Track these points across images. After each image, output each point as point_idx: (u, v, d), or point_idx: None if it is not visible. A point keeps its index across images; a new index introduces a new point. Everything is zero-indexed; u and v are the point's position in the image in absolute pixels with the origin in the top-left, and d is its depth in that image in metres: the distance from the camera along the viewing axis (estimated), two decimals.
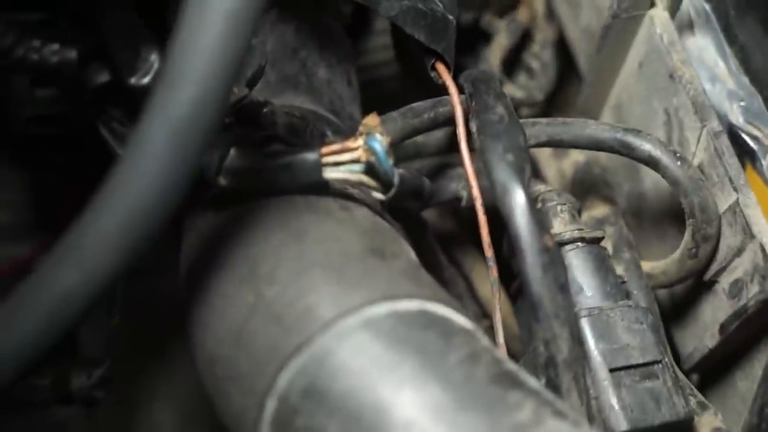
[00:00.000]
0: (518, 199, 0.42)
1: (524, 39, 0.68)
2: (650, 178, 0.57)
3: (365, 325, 0.37)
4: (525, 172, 0.44)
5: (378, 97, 0.64)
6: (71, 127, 0.54)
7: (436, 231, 0.64)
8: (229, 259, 0.42)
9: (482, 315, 0.64)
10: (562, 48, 0.68)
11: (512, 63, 0.68)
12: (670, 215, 0.56)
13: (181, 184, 0.35)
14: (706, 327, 0.52)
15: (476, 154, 0.46)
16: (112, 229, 0.35)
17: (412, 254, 0.45)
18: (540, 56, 0.68)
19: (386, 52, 0.65)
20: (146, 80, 0.43)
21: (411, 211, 0.53)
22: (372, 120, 0.44)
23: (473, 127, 0.46)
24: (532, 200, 0.43)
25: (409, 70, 0.60)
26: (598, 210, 0.58)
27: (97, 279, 0.35)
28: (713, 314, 0.51)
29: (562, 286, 0.42)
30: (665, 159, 0.48)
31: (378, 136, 0.43)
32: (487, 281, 0.64)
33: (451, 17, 0.50)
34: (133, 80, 0.43)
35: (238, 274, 0.41)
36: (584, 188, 0.61)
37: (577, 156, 0.63)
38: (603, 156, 0.65)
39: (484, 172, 0.45)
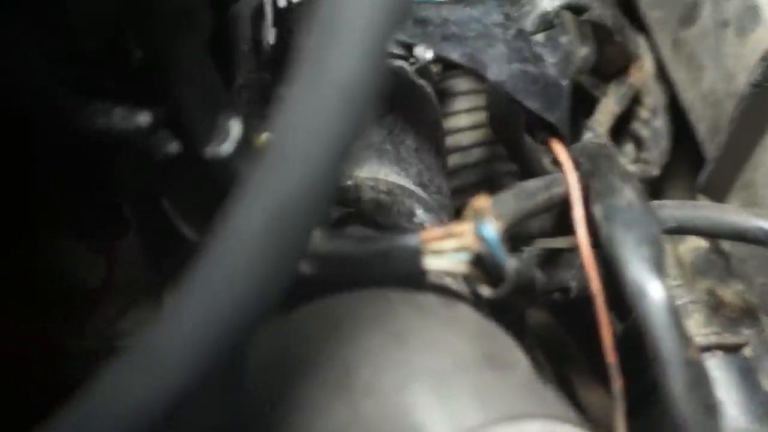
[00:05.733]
0: (659, 303, 0.41)
1: (632, 103, 0.67)
2: None
3: None
4: (663, 269, 0.42)
5: (463, 167, 0.64)
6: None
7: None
8: (318, 363, 0.40)
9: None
10: (677, 115, 0.67)
11: (618, 131, 0.67)
12: None
13: (281, 284, 0.33)
14: None
15: (597, 240, 0.45)
16: (194, 337, 0.33)
17: (528, 362, 0.44)
18: (650, 124, 0.67)
19: (469, 116, 0.65)
20: (223, 150, 0.42)
21: (516, 308, 0.52)
22: (482, 201, 0.43)
23: (597, 213, 0.45)
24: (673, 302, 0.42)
25: (503, 136, 0.59)
26: (730, 308, 0.56)
27: (169, 394, 0.34)
28: None
29: (711, 407, 0.41)
30: None
31: (490, 220, 0.42)
32: (592, 387, 0.63)
33: (564, 83, 0.50)
34: (208, 150, 0.42)
35: (330, 382, 0.40)
36: (708, 280, 0.59)
37: (696, 241, 0.62)
38: (726, 242, 0.63)
39: (610, 265, 0.43)
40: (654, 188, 0.68)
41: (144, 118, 0.41)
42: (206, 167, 0.42)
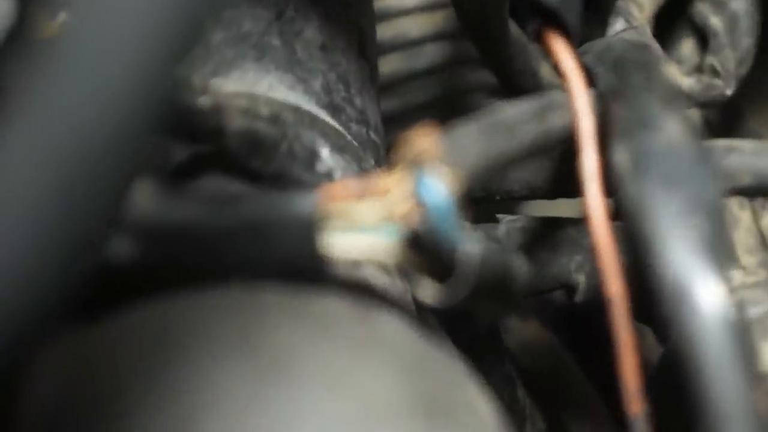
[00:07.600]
0: (713, 316, 0.43)
1: None
2: None
3: None
4: (726, 257, 0.44)
5: (407, 76, 0.64)
6: None
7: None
8: (135, 407, 0.40)
9: None
10: None
11: (669, 20, 0.69)
12: None
13: (68, 276, 0.34)
14: None
15: (618, 207, 0.47)
16: None
17: (489, 406, 0.45)
18: (726, 7, 0.68)
19: None
20: None
21: (482, 318, 0.55)
22: (427, 138, 0.44)
23: (620, 160, 0.47)
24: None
25: (475, 24, 0.59)
26: None
27: None
28: None
29: None
30: None
31: (438, 172, 0.43)
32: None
33: None
34: None
35: None
36: None
37: None
38: None
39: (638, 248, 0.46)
40: (725, 116, 0.70)
41: None
42: None
